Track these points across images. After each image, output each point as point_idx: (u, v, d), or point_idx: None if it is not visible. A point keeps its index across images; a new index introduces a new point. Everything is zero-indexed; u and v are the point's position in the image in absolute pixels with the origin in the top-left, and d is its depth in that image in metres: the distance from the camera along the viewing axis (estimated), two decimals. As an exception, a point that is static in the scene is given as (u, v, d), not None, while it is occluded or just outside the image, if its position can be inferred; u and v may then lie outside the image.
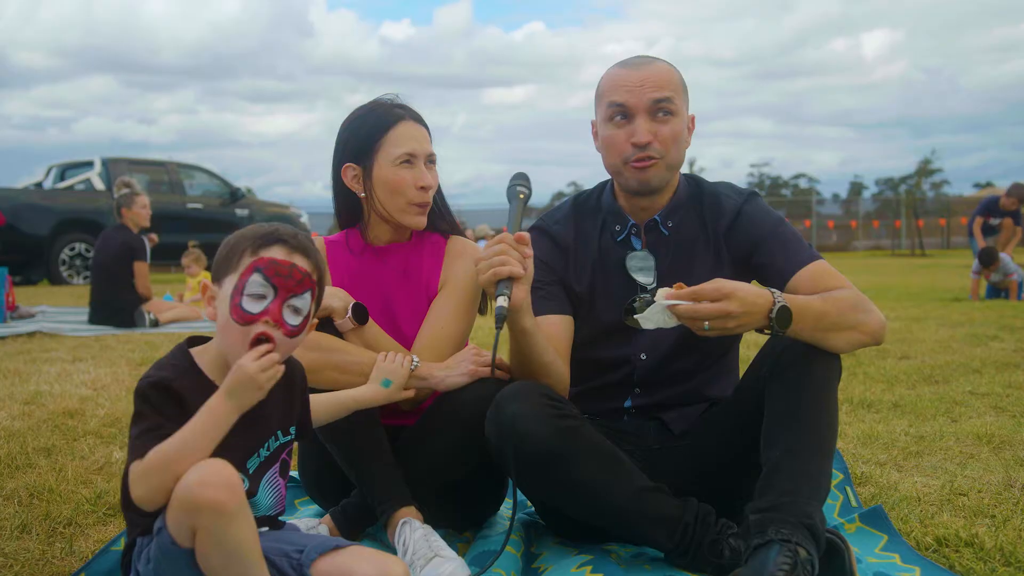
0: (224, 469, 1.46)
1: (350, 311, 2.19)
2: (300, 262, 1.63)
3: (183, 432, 1.52)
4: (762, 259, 2.17)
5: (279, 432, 1.74)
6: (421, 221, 2.31)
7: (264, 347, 1.57)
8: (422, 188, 2.26)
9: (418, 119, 2.32)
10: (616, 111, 2.16)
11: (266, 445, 1.70)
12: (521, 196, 2.10)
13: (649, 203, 2.23)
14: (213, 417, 1.53)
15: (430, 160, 2.31)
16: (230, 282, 1.61)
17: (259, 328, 1.58)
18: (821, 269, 2.11)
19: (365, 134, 2.29)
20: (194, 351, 1.68)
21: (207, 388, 1.61)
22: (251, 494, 1.66)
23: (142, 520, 1.59)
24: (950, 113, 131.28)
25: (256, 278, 1.59)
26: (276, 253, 1.62)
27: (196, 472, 1.45)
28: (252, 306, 1.58)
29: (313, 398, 1.92)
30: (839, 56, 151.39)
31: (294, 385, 1.79)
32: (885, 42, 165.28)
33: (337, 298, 2.20)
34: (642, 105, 2.13)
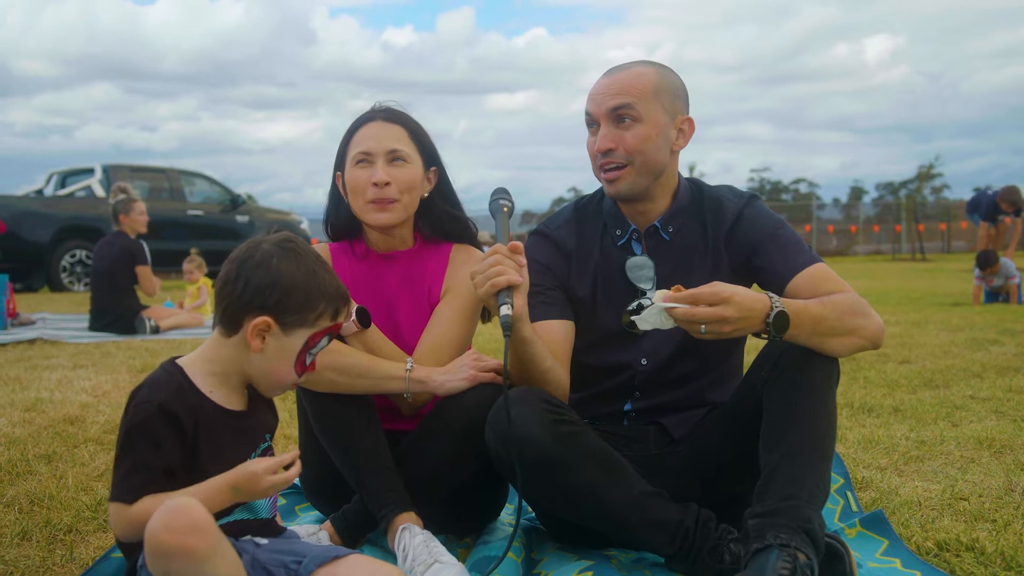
0: (189, 511, 1.44)
1: (353, 315, 2.20)
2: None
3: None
4: (761, 262, 2.17)
5: (260, 440, 1.75)
6: (381, 219, 2.26)
7: (287, 469, 1.62)
8: (375, 184, 2.24)
9: (391, 118, 2.31)
10: (588, 120, 2.20)
11: (252, 455, 1.72)
12: (505, 209, 2.12)
13: (645, 208, 2.23)
14: (209, 503, 1.52)
15: (395, 157, 2.26)
16: (302, 335, 1.69)
17: (301, 379, 1.75)
18: (820, 273, 2.11)
19: (342, 141, 2.34)
20: (183, 364, 1.69)
21: (202, 403, 1.64)
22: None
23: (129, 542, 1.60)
24: (951, 118, 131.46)
25: (324, 341, 1.74)
26: (343, 317, 1.76)
27: (161, 517, 1.43)
28: (309, 359, 1.74)
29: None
30: (840, 61, 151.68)
31: None
32: (886, 47, 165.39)
33: None
34: (602, 112, 2.15)
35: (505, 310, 1.92)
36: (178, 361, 1.70)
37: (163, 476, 1.56)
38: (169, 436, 1.57)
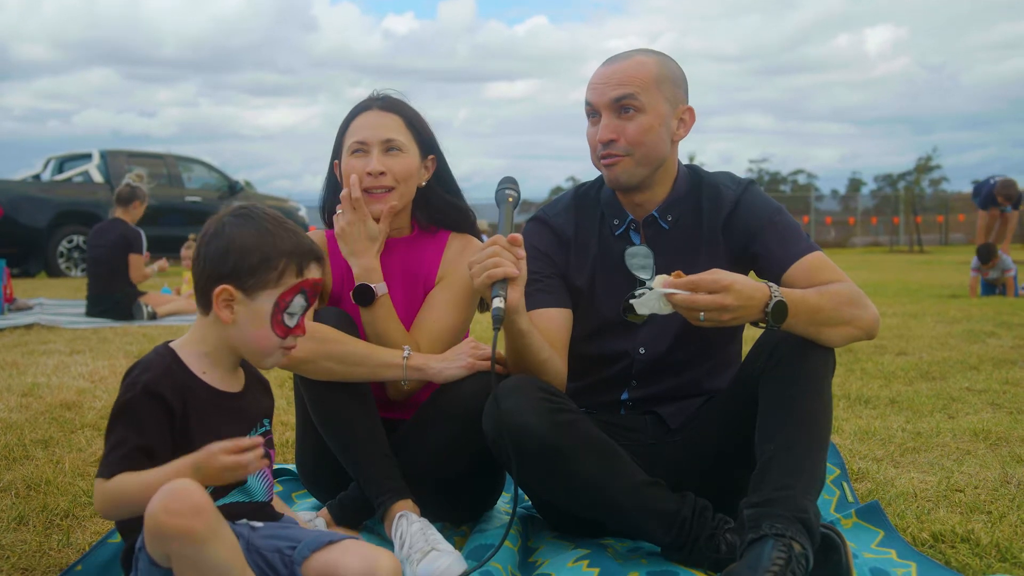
0: (190, 493, 1.44)
1: (351, 294, 2.20)
2: (323, 273, 1.76)
3: (148, 477, 1.50)
4: (758, 249, 2.16)
5: (257, 424, 1.76)
6: (376, 209, 2.26)
7: (250, 451, 1.54)
8: (368, 174, 2.24)
9: (388, 107, 2.31)
10: (588, 109, 2.19)
11: (248, 436, 1.71)
12: (510, 200, 2.11)
13: (643, 198, 2.22)
14: (176, 477, 1.51)
15: (391, 147, 2.26)
16: (269, 297, 1.67)
17: (290, 342, 1.72)
18: (818, 261, 2.10)
19: (339, 130, 2.34)
20: (176, 347, 1.70)
21: (192, 383, 1.65)
22: (242, 482, 1.68)
23: (128, 523, 1.60)
24: (951, 110, 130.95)
25: (299, 300, 1.70)
26: (314, 272, 1.72)
27: (162, 498, 1.43)
28: (290, 321, 1.70)
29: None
30: (841, 52, 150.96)
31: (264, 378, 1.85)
32: (887, 38, 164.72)
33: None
34: (604, 103, 2.14)
35: (497, 303, 1.92)
36: (171, 344, 1.71)
37: (144, 456, 1.56)
38: (155, 417, 1.58)
